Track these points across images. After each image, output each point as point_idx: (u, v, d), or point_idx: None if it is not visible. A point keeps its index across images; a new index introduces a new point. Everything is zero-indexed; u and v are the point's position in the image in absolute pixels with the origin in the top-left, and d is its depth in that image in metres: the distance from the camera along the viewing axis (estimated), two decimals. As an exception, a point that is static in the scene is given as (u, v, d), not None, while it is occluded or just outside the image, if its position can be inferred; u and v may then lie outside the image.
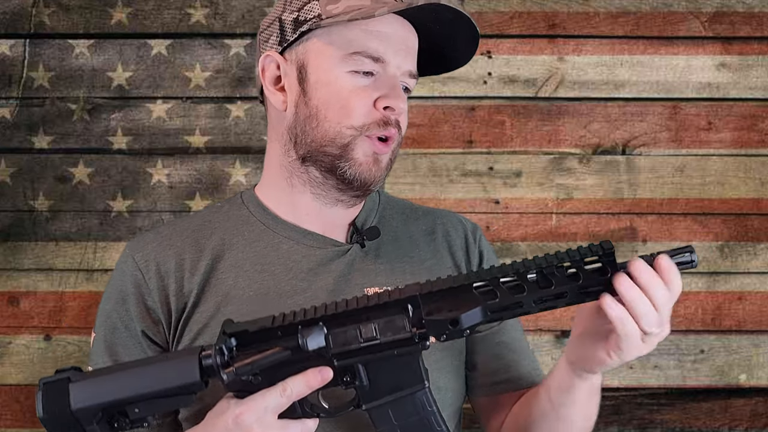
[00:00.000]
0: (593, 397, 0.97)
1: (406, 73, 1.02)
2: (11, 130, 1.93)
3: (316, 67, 1.01)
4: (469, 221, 1.17)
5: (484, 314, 0.82)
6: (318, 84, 1.00)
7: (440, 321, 0.81)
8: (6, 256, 1.93)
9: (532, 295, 0.81)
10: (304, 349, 0.82)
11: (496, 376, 1.09)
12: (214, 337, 0.99)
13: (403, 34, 1.01)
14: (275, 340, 0.83)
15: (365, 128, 0.99)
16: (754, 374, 1.96)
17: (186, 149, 1.95)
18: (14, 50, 1.94)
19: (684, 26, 1.97)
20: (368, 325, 0.82)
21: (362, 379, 0.85)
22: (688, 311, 1.96)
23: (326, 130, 1.00)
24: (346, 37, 0.99)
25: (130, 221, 1.94)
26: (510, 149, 1.97)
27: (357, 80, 0.99)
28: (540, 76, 1.97)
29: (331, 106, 1.00)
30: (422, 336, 0.82)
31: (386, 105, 0.99)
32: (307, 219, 1.06)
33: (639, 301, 0.80)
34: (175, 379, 0.84)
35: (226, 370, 0.83)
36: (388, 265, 1.06)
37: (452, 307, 0.81)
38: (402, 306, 0.82)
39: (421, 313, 0.82)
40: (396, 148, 1.04)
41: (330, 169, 1.01)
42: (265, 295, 1.02)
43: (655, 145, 1.97)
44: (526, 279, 0.81)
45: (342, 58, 0.99)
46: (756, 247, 1.96)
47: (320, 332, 0.83)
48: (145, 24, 1.95)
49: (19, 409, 1.93)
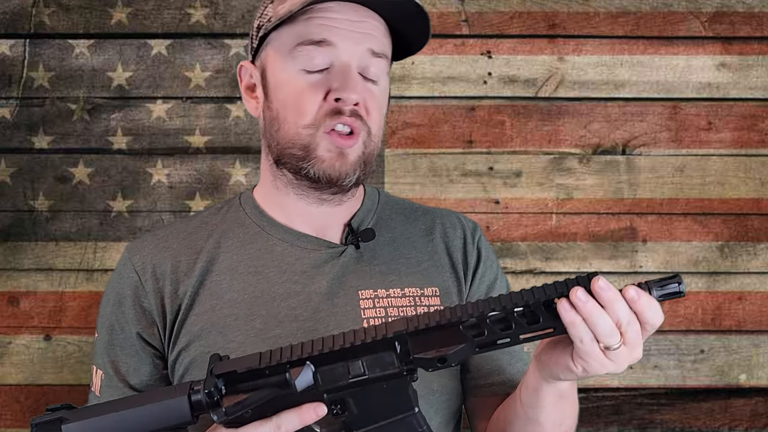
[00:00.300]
0: (563, 403, 0.93)
1: (367, 52, 1.00)
2: (11, 130, 1.93)
3: (273, 70, 1.02)
4: (469, 220, 1.16)
5: (472, 350, 0.81)
6: (275, 87, 1.01)
7: (428, 359, 0.82)
8: (6, 256, 1.93)
9: (519, 331, 0.80)
10: (293, 388, 0.83)
11: (487, 378, 1.09)
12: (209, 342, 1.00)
13: (354, 18, 0.99)
14: (263, 378, 0.84)
15: (319, 123, 0.98)
16: (754, 374, 1.96)
17: (186, 149, 1.95)
18: (14, 50, 1.94)
19: (684, 26, 1.97)
20: (356, 363, 0.83)
21: (352, 409, 0.85)
22: (688, 311, 1.96)
23: (286, 131, 1.00)
24: (292, 33, 0.99)
25: (130, 221, 1.94)
26: (510, 149, 1.97)
27: (308, 78, 0.99)
28: (540, 76, 1.97)
29: (287, 108, 1.00)
30: (410, 370, 0.83)
31: (336, 97, 0.98)
32: (298, 220, 1.06)
33: (593, 313, 0.78)
34: (166, 418, 0.85)
35: (216, 410, 0.84)
36: (383, 267, 1.06)
37: (440, 344, 0.81)
38: (389, 343, 0.82)
39: (408, 350, 0.82)
40: (370, 143, 1.02)
41: (297, 170, 1.01)
42: (258, 297, 1.02)
43: (655, 145, 1.97)
44: (513, 314, 0.80)
45: (289, 53, 0.99)
46: (756, 247, 1.96)
47: (308, 371, 0.83)
48: (145, 24, 1.95)
49: (18, 409, 1.93)
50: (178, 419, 0.85)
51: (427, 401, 0.99)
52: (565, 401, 0.93)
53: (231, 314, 1.01)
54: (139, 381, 1.04)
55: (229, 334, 1.00)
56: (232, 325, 1.01)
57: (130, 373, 1.04)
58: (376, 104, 1.02)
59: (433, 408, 1.02)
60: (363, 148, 1.01)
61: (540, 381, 0.89)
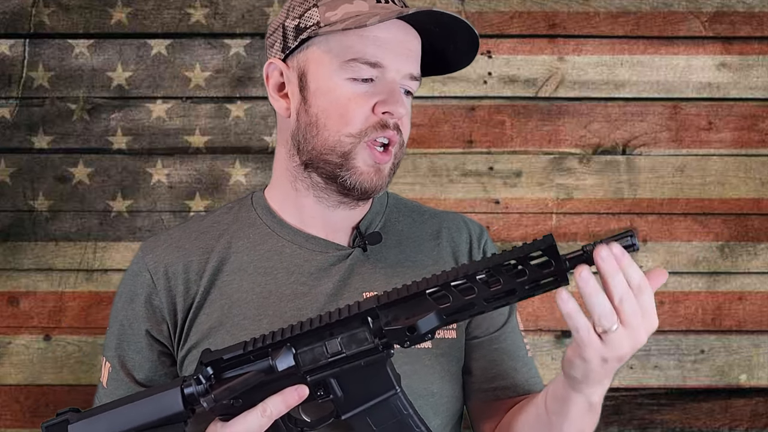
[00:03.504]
0: (588, 415, 0.93)
1: (407, 76, 1.02)
2: (11, 130, 1.93)
3: (316, 75, 1.01)
4: (475, 224, 1.17)
5: (440, 318, 0.85)
6: (317, 92, 1.01)
7: (398, 329, 0.85)
8: (6, 256, 1.93)
9: (483, 294, 0.83)
10: (275, 370, 0.88)
11: (491, 383, 1.09)
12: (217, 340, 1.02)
13: (401, 38, 1.01)
14: (248, 365, 0.89)
15: (363, 134, 1.00)
16: (754, 374, 1.96)
17: (186, 149, 1.95)
18: (14, 50, 1.94)
19: (684, 26, 1.97)
20: (333, 341, 0.87)
21: (336, 391, 0.89)
22: (689, 311, 1.96)
23: (326, 138, 1.01)
24: (344, 44, 0.99)
25: (130, 221, 1.94)
26: (510, 149, 1.97)
27: (355, 87, 0.99)
28: (540, 76, 1.97)
29: (330, 115, 1.00)
30: (386, 345, 0.87)
31: (384, 110, 0.99)
32: (311, 222, 1.07)
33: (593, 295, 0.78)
34: (162, 410, 0.90)
35: (206, 397, 0.88)
36: (389, 270, 1.07)
37: (409, 315, 0.85)
38: (362, 319, 0.87)
39: (380, 324, 0.86)
40: (399, 153, 1.04)
41: (331, 176, 1.02)
42: (266, 297, 1.04)
43: (656, 145, 1.97)
44: (475, 280, 0.83)
45: (340, 65, 0.99)
46: (756, 247, 1.96)
47: (288, 353, 0.88)
48: (145, 24, 1.95)
49: (18, 409, 1.93)
50: (172, 410, 0.90)
51: (426, 402, 1.01)
52: (592, 414, 0.93)
53: (239, 313, 1.03)
54: (145, 376, 1.07)
55: (237, 333, 1.02)
56: (240, 324, 1.03)
57: (136, 368, 1.07)
58: (409, 117, 1.05)
59: (432, 409, 1.02)
60: (393, 159, 1.04)
61: (567, 390, 0.89)
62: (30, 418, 1.92)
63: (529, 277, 0.82)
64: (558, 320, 1.95)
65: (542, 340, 1.95)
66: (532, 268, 0.82)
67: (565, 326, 1.95)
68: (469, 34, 1.03)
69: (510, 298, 0.83)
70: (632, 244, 0.79)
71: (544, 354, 1.94)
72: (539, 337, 1.95)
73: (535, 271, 0.82)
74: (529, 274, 0.82)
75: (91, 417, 0.91)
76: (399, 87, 1.01)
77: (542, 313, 1.95)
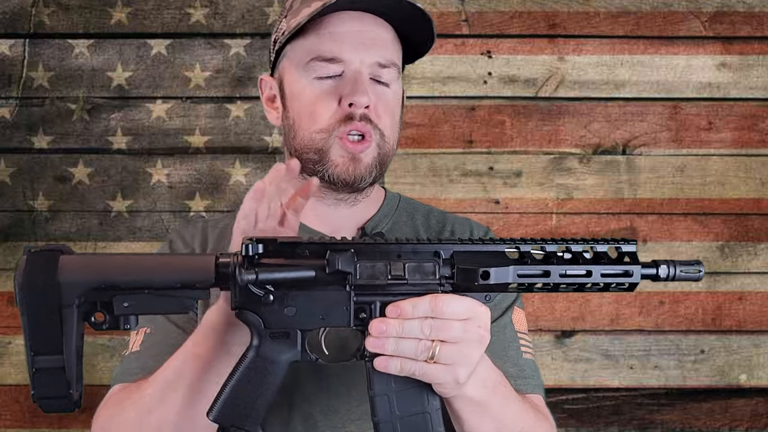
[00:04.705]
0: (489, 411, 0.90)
1: (374, 65, 1.04)
2: (11, 130, 1.93)
3: (289, 81, 1.08)
4: (481, 227, 1.20)
5: (513, 275, 0.84)
6: (291, 97, 1.08)
7: (470, 270, 0.83)
8: (6, 256, 1.93)
9: (559, 268, 0.84)
10: (333, 268, 0.81)
11: None
12: None
13: (358, 28, 1.04)
14: (301, 260, 0.82)
15: (332, 128, 1.03)
16: (754, 374, 1.95)
17: (186, 149, 1.95)
18: (14, 50, 1.94)
19: (684, 26, 1.97)
20: (398, 264, 0.83)
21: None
22: (689, 311, 1.96)
23: (302, 138, 1.06)
24: (304, 47, 1.05)
25: (130, 221, 1.94)
26: (510, 149, 1.97)
27: (321, 85, 1.04)
28: (540, 76, 1.96)
29: (302, 116, 1.06)
30: (452, 285, 0.84)
31: (349, 102, 1.03)
32: (318, 221, 1.11)
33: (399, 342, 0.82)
34: (184, 273, 0.79)
35: (248, 271, 0.79)
36: None
37: (484, 264, 0.84)
38: (434, 252, 0.84)
39: (453, 261, 0.84)
40: (383, 143, 1.06)
41: (314, 173, 1.06)
42: None
43: (656, 145, 1.97)
44: (555, 253, 0.85)
45: (303, 67, 1.05)
46: (756, 247, 1.96)
47: (351, 258, 0.82)
48: (144, 24, 1.95)
49: (18, 409, 1.93)
50: (196, 276, 0.79)
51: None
52: (489, 409, 0.90)
53: None
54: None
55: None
56: None
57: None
58: (387, 107, 1.07)
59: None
60: (377, 150, 1.06)
61: (446, 402, 0.89)
62: (30, 418, 1.92)
63: (606, 264, 0.85)
64: (558, 320, 1.95)
65: (542, 340, 1.95)
66: (612, 260, 0.85)
67: (564, 326, 1.95)
68: (419, 12, 1.04)
69: (584, 280, 0.85)
70: (698, 278, 0.86)
71: (545, 354, 1.94)
72: (539, 337, 1.95)
73: (614, 263, 0.85)
74: (608, 262, 0.85)
75: (93, 255, 0.78)
76: (365, 77, 1.04)
77: (542, 313, 1.95)
